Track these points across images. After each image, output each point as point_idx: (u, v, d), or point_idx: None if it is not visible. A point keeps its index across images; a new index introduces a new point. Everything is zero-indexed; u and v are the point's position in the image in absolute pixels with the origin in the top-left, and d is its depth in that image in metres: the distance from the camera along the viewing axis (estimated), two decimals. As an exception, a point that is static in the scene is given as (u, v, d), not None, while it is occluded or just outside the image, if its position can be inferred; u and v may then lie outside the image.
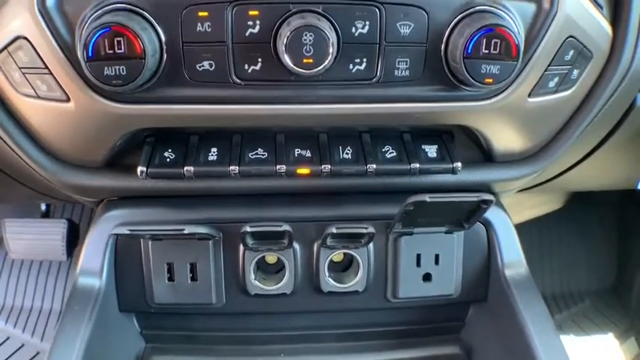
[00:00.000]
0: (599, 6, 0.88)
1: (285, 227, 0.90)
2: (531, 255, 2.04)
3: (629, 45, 0.90)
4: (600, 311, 1.98)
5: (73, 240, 1.75)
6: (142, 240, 0.97)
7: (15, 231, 1.74)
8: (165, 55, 0.77)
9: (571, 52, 0.86)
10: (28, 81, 0.83)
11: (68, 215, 1.95)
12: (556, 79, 0.88)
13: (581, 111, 0.96)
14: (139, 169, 0.88)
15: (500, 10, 0.78)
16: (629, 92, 0.97)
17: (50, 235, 1.72)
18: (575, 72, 0.90)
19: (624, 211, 2.05)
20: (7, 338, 1.86)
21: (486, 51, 0.76)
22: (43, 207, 1.91)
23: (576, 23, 0.84)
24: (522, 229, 1.96)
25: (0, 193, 1.35)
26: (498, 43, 0.76)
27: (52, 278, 1.96)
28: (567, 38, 0.85)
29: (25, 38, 0.79)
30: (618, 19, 0.90)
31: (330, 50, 0.75)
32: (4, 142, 0.91)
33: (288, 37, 0.73)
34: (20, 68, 0.82)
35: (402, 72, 0.81)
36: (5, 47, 0.81)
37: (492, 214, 1.01)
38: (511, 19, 0.79)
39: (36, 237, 1.74)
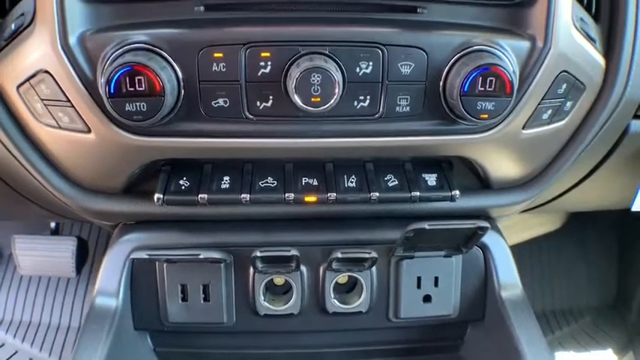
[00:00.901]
0: (592, 40, 0.90)
1: (294, 252, 0.93)
2: (532, 273, 2.03)
3: (622, 75, 0.92)
4: (600, 327, 1.97)
5: (82, 257, 1.75)
6: (157, 262, 0.99)
7: (25, 247, 1.74)
8: (182, 92, 0.80)
9: (564, 86, 0.88)
10: (50, 112, 0.85)
11: (77, 232, 1.95)
12: (549, 112, 0.90)
13: (575, 139, 0.97)
14: (156, 196, 0.90)
15: (495, 49, 0.81)
16: (623, 119, 0.99)
17: (60, 252, 1.72)
18: (569, 104, 0.92)
19: (623, 229, 2.04)
20: (15, 352, 1.85)
21: (482, 88, 0.79)
22: (53, 224, 1.89)
23: (569, 58, 0.86)
24: (523, 247, 1.96)
25: (14, 212, 1.35)
26: (493, 81, 0.79)
27: (60, 294, 1.96)
28: (560, 73, 0.87)
29: (48, 72, 0.81)
30: (611, 51, 0.92)
31: (336, 90, 0.77)
32: (25, 167, 0.93)
33: (297, 78, 0.76)
34: (42, 100, 0.84)
35: (403, 108, 0.84)
36: (28, 79, 0.83)
37: (489, 238, 1.02)
38: (506, 57, 0.81)
39: (46, 254, 1.73)
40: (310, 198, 0.91)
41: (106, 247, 1.70)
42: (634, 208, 1.18)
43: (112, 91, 0.76)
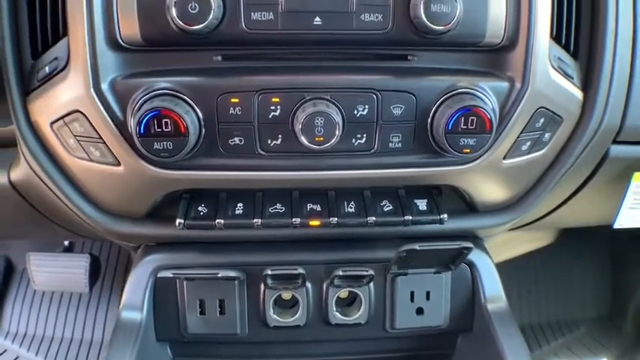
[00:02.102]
0: (569, 77, 0.93)
1: (300, 270, 0.98)
2: (528, 285, 2.05)
3: (599, 107, 0.95)
4: (594, 338, 1.99)
5: (95, 273, 1.78)
6: (177, 279, 1.03)
7: (39, 264, 1.77)
8: (203, 132, 0.85)
9: (542, 120, 0.92)
10: (82, 147, 0.90)
11: (88, 249, 1.97)
12: (529, 143, 0.94)
13: (555, 165, 1.01)
14: (177, 221, 0.94)
15: (477, 91, 0.86)
16: (602, 145, 1.01)
17: (73, 268, 1.75)
18: (547, 135, 0.95)
19: (617, 240, 2.05)
20: (29, 365, 1.88)
21: (464, 127, 0.84)
22: (66, 242, 1.91)
23: (546, 95, 0.90)
24: (518, 259, 1.92)
25: (35, 232, 1.40)
26: (474, 120, 0.84)
27: (72, 308, 1.99)
28: (538, 109, 0.91)
29: (82, 112, 0.86)
30: (589, 84, 0.95)
31: (337, 131, 0.83)
32: (56, 194, 0.97)
33: (303, 121, 0.82)
34: (75, 136, 0.89)
35: (395, 144, 0.89)
36: (62, 117, 0.88)
37: (475, 256, 1.07)
38: (486, 98, 0.86)
39: (60, 270, 1.75)
40: (314, 222, 0.96)
41: (117, 263, 1.77)
42: (616, 226, 1.20)
43: (141, 131, 0.81)
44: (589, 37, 0.95)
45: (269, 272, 0.99)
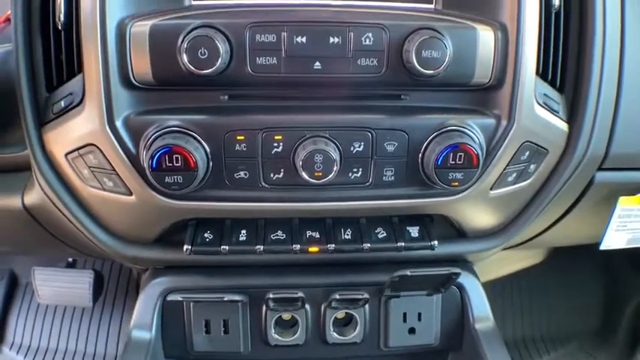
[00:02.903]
0: (554, 111, 0.96)
1: (300, 294, 1.02)
2: (521, 300, 2.06)
3: (584, 138, 0.97)
4: (587, 351, 1.99)
5: (98, 288, 1.79)
6: (184, 301, 1.07)
7: (44, 279, 1.77)
8: (211, 166, 0.88)
9: (527, 153, 0.95)
10: (96, 177, 0.93)
11: (91, 265, 1.98)
12: (514, 175, 0.97)
13: (541, 193, 1.04)
14: (185, 247, 0.97)
15: (465, 128, 0.90)
16: (587, 173, 1.03)
17: (78, 283, 1.76)
18: (532, 166, 0.98)
19: (608, 254, 1.88)
20: (32, 377, 1.88)
21: (453, 162, 0.88)
22: (70, 257, 1.91)
23: (532, 130, 0.93)
24: (510, 276, 1.95)
25: (40, 249, 1.48)
26: (462, 156, 0.88)
27: (76, 322, 2.00)
28: (523, 143, 0.93)
29: (96, 146, 0.89)
30: (574, 117, 0.98)
31: (335, 167, 0.87)
32: (69, 220, 1.00)
33: (303, 158, 0.86)
34: (89, 167, 0.92)
35: (388, 177, 0.92)
36: (76, 149, 0.91)
37: (465, 279, 1.11)
38: (474, 134, 0.90)
39: (64, 285, 1.76)
40: (313, 248, 0.99)
41: (119, 279, 1.80)
42: (602, 247, 1.21)
43: (154, 166, 0.85)
44: (575, 72, 0.98)
45: (271, 296, 1.02)
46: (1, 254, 1.98)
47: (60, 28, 0.89)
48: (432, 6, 0.91)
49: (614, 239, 1.22)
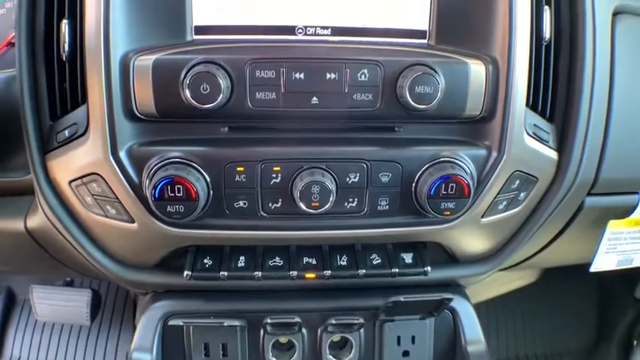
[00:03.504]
0: (544, 141, 0.98)
1: (297, 319, 1.03)
2: (514, 318, 2.07)
3: (574, 166, 1.00)
4: None
5: (96, 307, 1.81)
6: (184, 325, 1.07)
7: (42, 296, 1.80)
8: (211, 196, 0.90)
9: (517, 182, 0.97)
10: (99, 205, 0.94)
11: (88, 284, 1.99)
12: (505, 203, 0.99)
13: (531, 220, 1.06)
14: (185, 272, 0.99)
15: (456, 159, 0.92)
16: (577, 197, 1.05)
17: (76, 302, 1.78)
18: (522, 194, 1.00)
19: (601, 273, 1.99)
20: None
21: (445, 192, 0.90)
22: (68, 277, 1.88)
23: (521, 160, 0.95)
24: (503, 295, 1.94)
25: (39, 270, 1.47)
26: (454, 187, 0.90)
27: (73, 339, 2.02)
28: (514, 172, 0.95)
29: (100, 175, 0.90)
30: (564, 145, 0.99)
31: (331, 198, 0.89)
32: (72, 245, 1.02)
33: (301, 189, 0.88)
34: (92, 195, 0.93)
35: (383, 207, 0.95)
36: (80, 177, 0.92)
37: (457, 303, 1.12)
38: (465, 165, 0.92)
39: (62, 303, 1.79)
40: (310, 275, 1.01)
41: (116, 298, 1.80)
42: (592, 269, 1.23)
43: (156, 196, 0.87)
44: (565, 102, 1.00)
45: (268, 320, 1.04)
46: (-2, 272, 2.02)
47: (64, 59, 0.90)
48: (425, 41, 0.94)
49: (604, 261, 1.24)
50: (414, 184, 0.94)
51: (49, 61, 0.92)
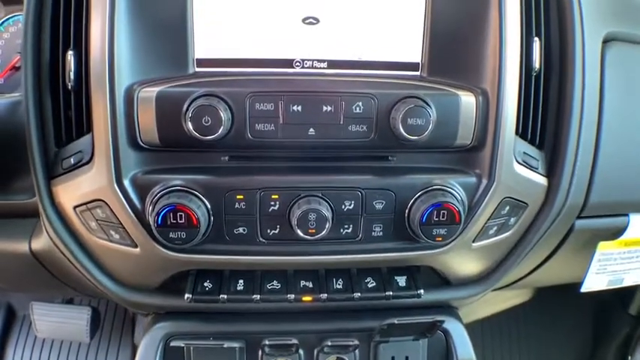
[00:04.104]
0: (534, 168, 1.00)
1: (294, 341, 1.06)
2: (509, 336, 2.09)
3: (563, 191, 1.01)
4: None
5: (95, 324, 1.79)
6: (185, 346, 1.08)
7: (42, 313, 1.77)
8: (212, 222, 0.93)
9: (507, 208, 0.99)
10: (103, 230, 0.96)
11: (87, 301, 1.99)
12: (495, 228, 1.01)
13: (521, 243, 1.08)
14: (186, 295, 1.01)
15: (448, 187, 0.95)
16: (567, 221, 1.07)
17: (76, 319, 1.75)
18: (512, 219, 1.02)
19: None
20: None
21: (436, 219, 0.93)
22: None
23: (511, 187, 0.97)
24: (497, 314, 1.97)
25: (41, 288, 1.47)
26: (445, 214, 0.93)
27: (73, 355, 2.05)
28: (504, 199, 0.98)
29: (104, 202, 0.93)
30: (553, 171, 1.02)
31: (327, 225, 0.92)
32: (76, 267, 1.03)
33: (298, 216, 0.91)
34: (97, 220, 0.95)
35: (377, 233, 0.97)
36: (85, 203, 0.94)
37: (449, 324, 1.14)
38: (456, 193, 0.95)
39: (62, 320, 1.76)
40: (307, 297, 1.03)
41: (115, 315, 1.81)
42: (583, 290, 1.24)
43: (159, 222, 0.89)
44: (554, 129, 1.02)
45: (267, 342, 1.07)
46: (-1, 289, 2.03)
47: (70, 88, 0.93)
48: (417, 73, 0.97)
49: (594, 282, 1.25)
50: (406, 211, 0.96)
51: (55, 90, 0.94)
